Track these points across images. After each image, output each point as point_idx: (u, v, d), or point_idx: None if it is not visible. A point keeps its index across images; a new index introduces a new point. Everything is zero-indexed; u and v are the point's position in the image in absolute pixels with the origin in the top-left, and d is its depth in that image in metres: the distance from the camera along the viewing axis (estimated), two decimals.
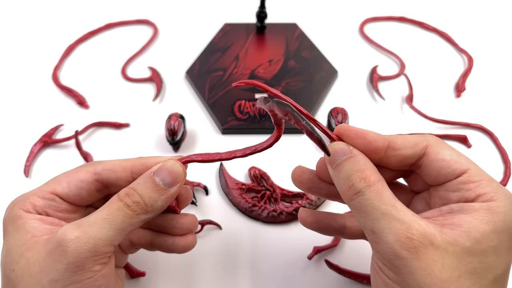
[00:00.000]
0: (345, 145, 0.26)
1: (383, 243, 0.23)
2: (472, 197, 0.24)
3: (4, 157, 0.47)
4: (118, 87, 0.54)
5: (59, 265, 0.24)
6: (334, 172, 0.26)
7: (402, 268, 0.22)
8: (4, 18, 0.62)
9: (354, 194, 0.24)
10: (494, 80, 0.55)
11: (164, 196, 0.27)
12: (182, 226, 0.30)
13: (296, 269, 0.39)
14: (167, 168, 0.27)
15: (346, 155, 0.26)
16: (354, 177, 0.25)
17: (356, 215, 0.25)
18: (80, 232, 0.24)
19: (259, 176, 0.44)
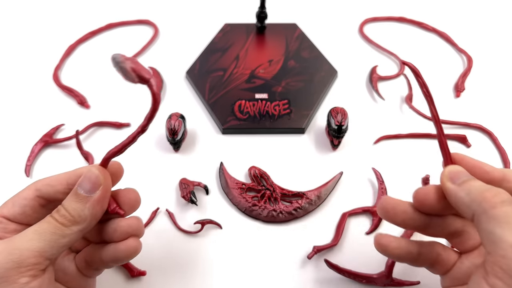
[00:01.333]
0: (463, 169, 0.27)
1: None
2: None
3: (5, 156, 0.47)
4: (119, 87, 0.54)
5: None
6: (459, 187, 0.26)
7: None
8: (5, 18, 0.62)
9: (501, 201, 0.23)
10: (493, 80, 0.55)
11: (89, 203, 0.27)
12: (122, 229, 0.30)
13: (296, 269, 0.39)
14: (85, 176, 0.28)
15: (469, 176, 0.26)
16: (494, 189, 0.24)
17: (492, 226, 0.23)
18: (7, 244, 0.25)
19: (259, 176, 0.44)
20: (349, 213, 0.42)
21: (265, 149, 0.48)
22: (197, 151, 0.47)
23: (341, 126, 0.44)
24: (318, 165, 0.46)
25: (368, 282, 0.37)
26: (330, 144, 0.47)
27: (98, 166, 0.29)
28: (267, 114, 0.49)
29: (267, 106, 0.50)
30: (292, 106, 0.50)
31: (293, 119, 0.49)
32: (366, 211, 0.42)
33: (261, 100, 0.50)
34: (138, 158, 0.47)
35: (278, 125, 0.49)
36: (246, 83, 0.52)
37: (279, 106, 0.50)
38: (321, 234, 0.41)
